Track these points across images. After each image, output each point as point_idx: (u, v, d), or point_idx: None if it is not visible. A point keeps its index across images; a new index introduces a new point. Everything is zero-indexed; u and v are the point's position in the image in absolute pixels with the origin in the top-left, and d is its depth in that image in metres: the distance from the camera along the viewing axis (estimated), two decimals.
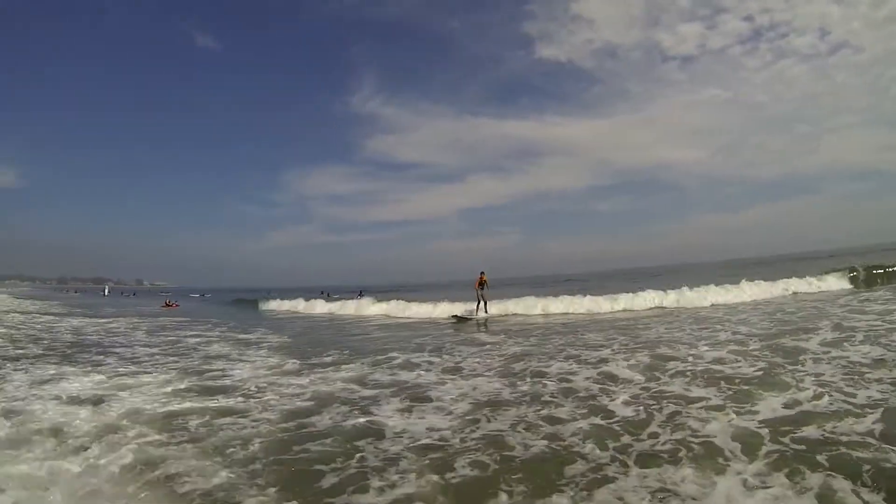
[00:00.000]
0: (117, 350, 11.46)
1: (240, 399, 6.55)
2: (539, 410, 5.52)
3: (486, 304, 19.21)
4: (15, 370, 8.44)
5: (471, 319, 18.34)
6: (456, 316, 18.92)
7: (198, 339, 13.53)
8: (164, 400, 6.50)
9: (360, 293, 50.61)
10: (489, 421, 5.28)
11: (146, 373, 8.30)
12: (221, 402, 6.43)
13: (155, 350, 11.37)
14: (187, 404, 6.26)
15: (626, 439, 4.55)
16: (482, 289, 19.18)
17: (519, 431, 4.93)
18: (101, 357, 10.23)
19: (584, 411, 5.40)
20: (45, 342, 12.73)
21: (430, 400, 6.18)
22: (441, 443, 4.75)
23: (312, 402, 6.35)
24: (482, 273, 19.06)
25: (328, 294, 46.44)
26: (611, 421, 5.04)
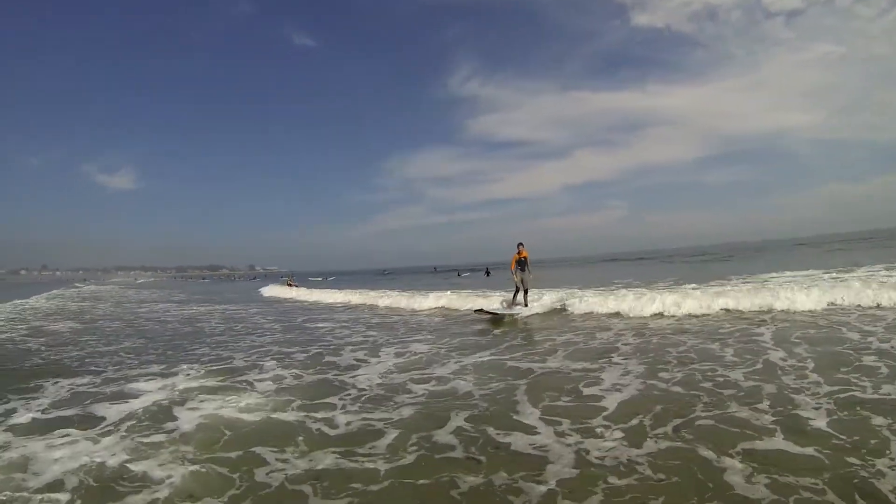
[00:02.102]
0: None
1: None
2: None
3: (526, 293, 14.72)
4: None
5: (504, 316, 13.73)
6: (483, 310, 14.00)
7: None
8: None
9: (488, 271, 55.91)
10: None
11: None
12: None
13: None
14: None
15: None
16: (522, 270, 14.52)
17: None
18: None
19: None
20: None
21: None
22: None
23: None
24: (520, 246, 14.46)
25: (435, 269, 48.29)
26: None
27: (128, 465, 4.37)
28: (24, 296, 32.15)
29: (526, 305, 14.47)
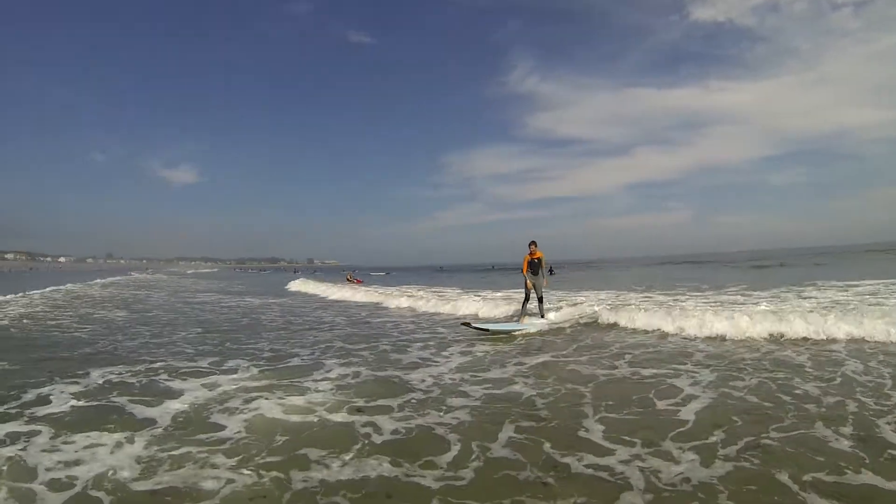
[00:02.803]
0: None
1: None
2: None
3: (541, 302, 12.72)
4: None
5: (503, 332, 11.36)
6: (470, 325, 11.64)
7: None
8: None
9: (551, 270, 54.65)
10: None
11: None
12: None
13: None
14: None
15: None
16: (536, 274, 12.59)
17: None
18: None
19: None
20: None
21: None
22: None
23: None
24: (532, 245, 12.47)
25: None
26: None
27: (169, 468, 4.24)
28: (83, 281, 33.12)
29: (542, 316, 12.54)
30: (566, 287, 26.64)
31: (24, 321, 14.14)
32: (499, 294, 20.93)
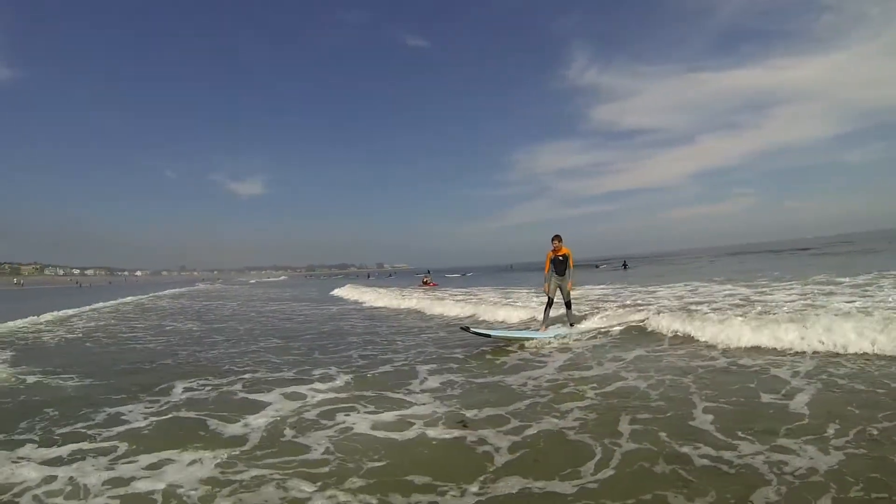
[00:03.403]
0: None
1: None
2: None
3: (569, 308, 10.86)
4: None
5: (520, 340, 9.94)
6: (469, 329, 10.11)
7: None
8: None
9: (625, 264, 57.29)
10: None
11: None
12: None
13: None
14: None
15: None
16: (561, 275, 10.55)
17: None
18: None
19: None
20: None
21: None
22: None
23: None
24: (556, 239, 10.44)
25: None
26: None
27: (244, 490, 3.89)
28: (153, 292, 34.14)
29: (570, 325, 10.70)
30: (642, 281, 26.16)
31: (97, 334, 14.68)
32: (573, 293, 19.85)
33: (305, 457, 4.50)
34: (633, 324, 10.61)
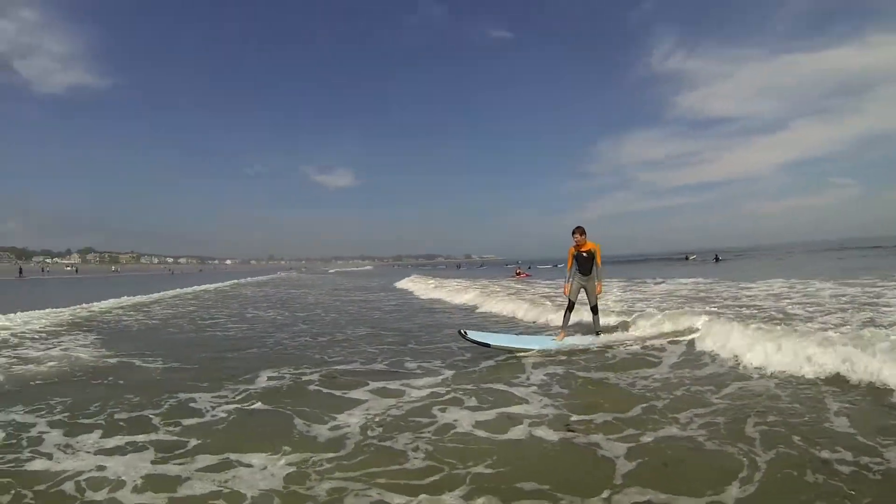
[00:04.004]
0: None
1: None
2: None
3: (595, 313, 9.19)
4: None
5: (524, 351, 8.19)
6: (466, 335, 8.30)
7: None
8: None
9: (717, 258, 58.58)
10: None
11: None
12: None
13: None
14: None
15: None
16: (586, 274, 8.95)
17: None
18: None
19: None
20: None
21: None
22: None
23: None
24: (578, 232, 8.79)
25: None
26: None
27: (327, 498, 3.46)
28: (240, 279, 35.19)
29: (597, 333, 9.07)
30: (735, 275, 26.18)
31: (178, 320, 15.08)
32: (657, 288, 19.95)
33: (402, 462, 4.02)
34: (680, 338, 8.32)
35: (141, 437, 4.63)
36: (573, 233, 8.76)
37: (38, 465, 4.06)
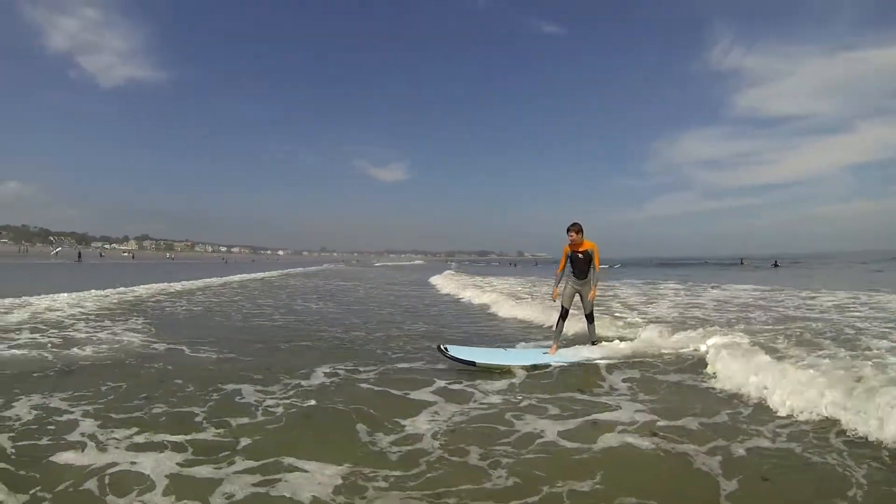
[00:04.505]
0: None
1: None
2: None
3: (591, 321, 8.24)
4: None
5: (510, 368, 7.07)
6: (445, 351, 7.27)
7: None
8: None
9: (776, 263, 58.80)
10: None
11: None
12: None
13: None
14: None
15: None
16: (582, 278, 7.98)
17: None
18: None
19: None
20: None
21: None
22: None
23: None
24: (573, 230, 7.76)
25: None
26: None
27: None
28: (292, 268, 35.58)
29: (594, 343, 8.09)
30: (795, 282, 25.41)
31: (225, 308, 15.09)
32: (713, 293, 18.84)
33: (481, 479, 3.54)
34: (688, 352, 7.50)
35: (181, 434, 4.31)
36: (568, 230, 7.75)
37: (66, 457, 3.81)
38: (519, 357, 7.58)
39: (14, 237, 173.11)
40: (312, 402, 5.31)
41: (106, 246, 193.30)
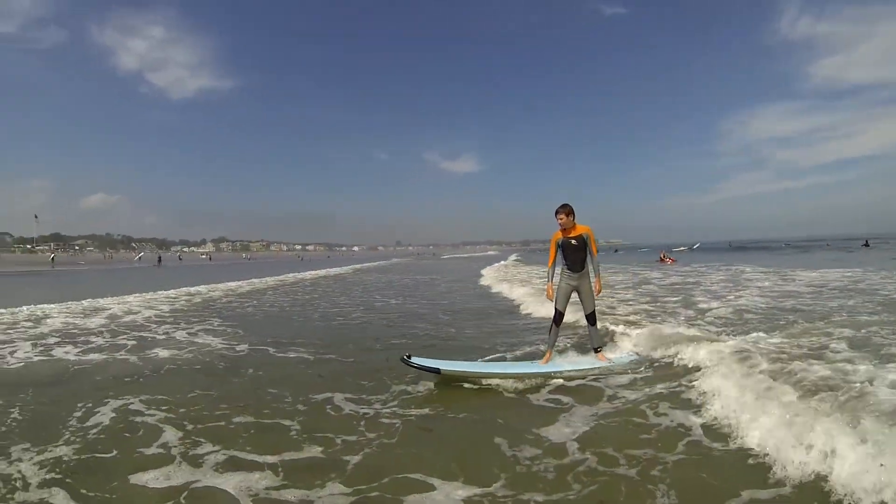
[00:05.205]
0: None
1: None
2: None
3: (593, 321, 6.73)
4: None
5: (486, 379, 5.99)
6: (407, 359, 5.94)
7: None
8: None
9: (866, 243, 57.81)
10: None
11: None
12: None
13: None
14: None
15: None
16: (577, 271, 6.59)
17: None
18: None
19: None
20: None
21: None
22: None
23: None
24: (563, 213, 6.47)
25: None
26: None
27: None
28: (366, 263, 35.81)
29: (596, 350, 6.66)
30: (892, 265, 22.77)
31: (300, 307, 14.91)
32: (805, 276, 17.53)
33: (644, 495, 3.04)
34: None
35: (272, 450, 3.85)
36: (556, 213, 6.49)
37: (143, 477, 3.44)
38: (503, 367, 6.39)
39: (99, 245, 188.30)
40: (426, 411, 4.79)
41: (185, 249, 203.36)
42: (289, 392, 5.48)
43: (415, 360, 6.14)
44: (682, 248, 73.18)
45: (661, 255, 41.37)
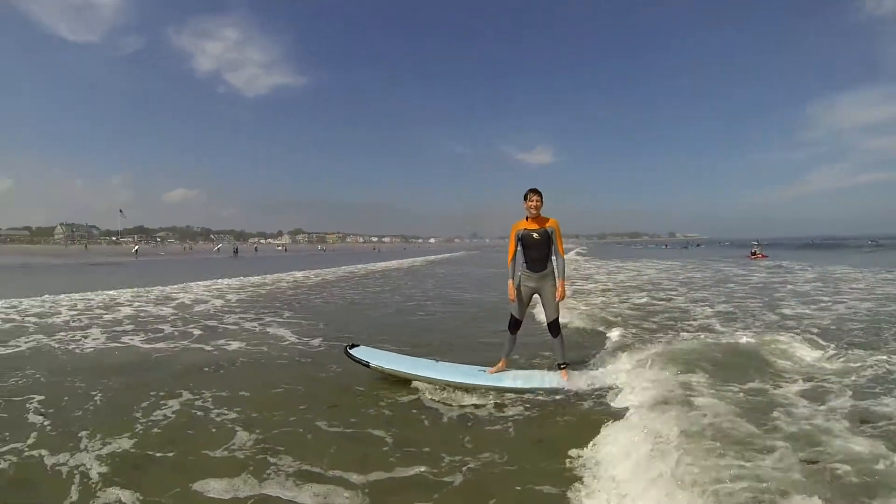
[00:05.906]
0: None
1: None
2: None
3: (556, 330, 5.63)
4: None
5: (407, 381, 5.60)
6: (351, 354, 5.90)
7: None
8: None
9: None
10: None
11: None
12: None
13: None
14: None
15: None
16: (539, 270, 5.62)
17: None
18: None
19: None
20: None
21: None
22: None
23: None
24: (532, 198, 5.52)
25: None
26: None
27: None
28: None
29: (560, 366, 5.63)
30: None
31: (371, 299, 14.64)
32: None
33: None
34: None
35: (359, 463, 3.46)
36: (526, 196, 5.59)
37: (206, 485, 3.15)
38: (442, 369, 5.76)
39: (180, 237, 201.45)
40: (536, 412, 4.38)
41: (261, 241, 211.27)
42: (379, 391, 5.14)
43: (355, 351, 6.04)
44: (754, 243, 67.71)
45: (752, 251, 40.68)
